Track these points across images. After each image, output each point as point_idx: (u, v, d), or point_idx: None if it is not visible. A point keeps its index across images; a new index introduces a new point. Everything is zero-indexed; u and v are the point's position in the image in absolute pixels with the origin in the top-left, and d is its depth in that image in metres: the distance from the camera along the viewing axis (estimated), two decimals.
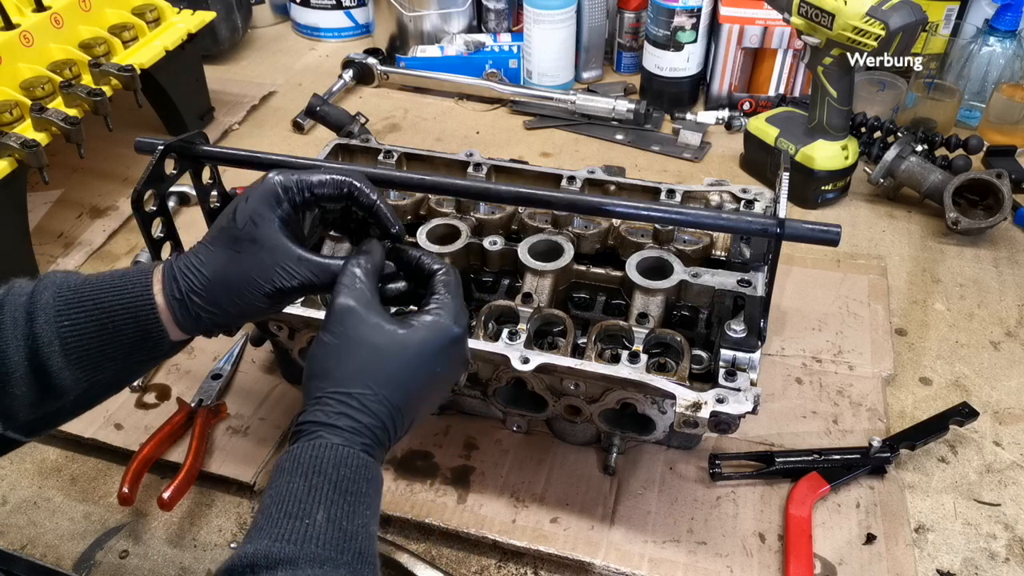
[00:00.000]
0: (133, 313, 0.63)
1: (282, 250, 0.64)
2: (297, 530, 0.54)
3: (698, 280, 0.90)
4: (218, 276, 0.64)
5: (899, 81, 1.58)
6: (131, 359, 0.65)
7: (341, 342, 0.62)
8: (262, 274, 0.64)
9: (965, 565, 0.88)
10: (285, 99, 1.74)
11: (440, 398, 0.87)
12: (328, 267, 0.65)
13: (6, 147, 1.14)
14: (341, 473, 0.57)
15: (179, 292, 0.64)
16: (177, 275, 0.65)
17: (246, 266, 0.64)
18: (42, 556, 0.91)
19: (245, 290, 0.64)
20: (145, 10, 1.44)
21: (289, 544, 0.53)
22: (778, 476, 0.96)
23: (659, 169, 1.51)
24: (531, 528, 0.91)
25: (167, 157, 0.84)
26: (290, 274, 0.64)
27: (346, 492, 0.56)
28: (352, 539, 0.55)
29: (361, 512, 0.57)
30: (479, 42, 1.79)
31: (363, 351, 0.62)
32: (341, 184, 0.68)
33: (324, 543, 0.53)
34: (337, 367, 0.61)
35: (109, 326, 0.63)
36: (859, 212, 1.39)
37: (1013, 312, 1.19)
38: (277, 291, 0.64)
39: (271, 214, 0.65)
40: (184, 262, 0.65)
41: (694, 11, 1.53)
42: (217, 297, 0.64)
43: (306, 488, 0.56)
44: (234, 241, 0.65)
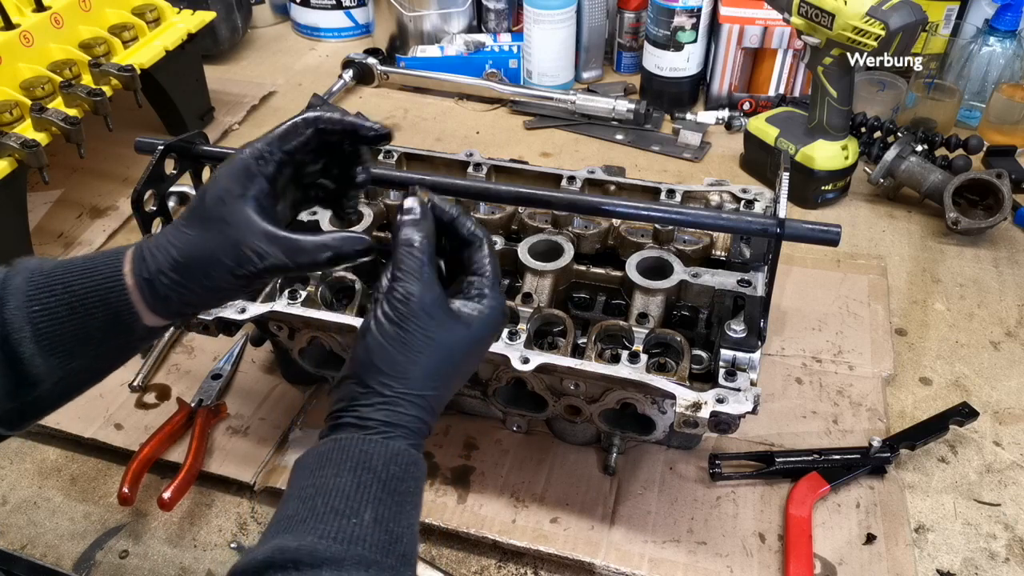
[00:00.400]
0: (103, 295, 0.62)
1: (250, 227, 0.62)
2: (344, 529, 0.52)
3: (698, 280, 0.90)
4: (186, 255, 0.63)
5: (899, 81, 1.58)
6: (105, 344, 0.64)
7: (412, 339, 0.59)
8: (228, 253, 0.62)
9: (965, 565, 0.88)
10: (285, 99, 1.74)
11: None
12: (298, 244, 0.62)
13: (6, 147, 1.14)
14: (391, 471, 0.55)
15: (148, 272, 0.62)
16: (146, 255, 0.63)
17: (213, 244, 0.62)
18: (42, 556, 0.91)
19: (212, 269, 0.62)
20: (145, 10, 1.45)
21: (335, 543, 0.51)
22: (778, 476, 0.96)
23: (659, 169, 1.51)
24: (531, 528, 0.91)
25: (167, 157, 0.84)
26: (258, 253, 0.61)
27: (394, 491, 0.55)
28: (397, 542, 0.54)
29: (408, 512, 0.56)
30: (479, 42, 1.79)
31: (437, 353, 0.60)
32: (305, 122, 0.66)
33: (370, 545, 0.52)
34: (410, 366, 0.59)
35: (80, 309, 0.61)
36: (859, 212, 1.39)
37: (1013, 312, 1.19)
38: (244, 270, 0.62)
39: (240, 190, 0.63)
40: (154, 242, 0.64)
41: (694, 11, 1.53)
42: (185, 277, 0.63)
43: (354, 484, 0.54)
44: (203, 220, 0.63)
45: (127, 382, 1.08)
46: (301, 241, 0.63)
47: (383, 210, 1.05)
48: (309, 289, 0.90)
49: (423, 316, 0.60)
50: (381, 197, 1.06)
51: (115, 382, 1.08)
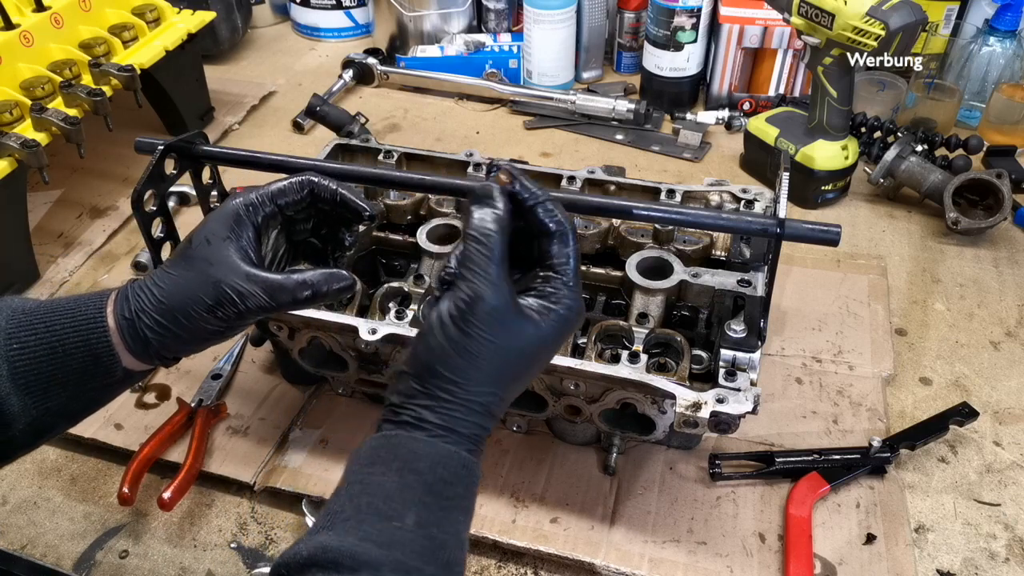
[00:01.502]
0: (84, 336, 0.62)
1: (232, 268, 0.63)
2: (385, 532, 0.51)
3: (698, 280, 0.90)
4: (167, 294, 0.63)
5: (899, 81, 1.58)
6: (82, 386, 0.63)
7: (477, 345, 0.56)
8: (209, 292, 0.62)
9: (965, 565, 0.88)
10: (285, 99, 1.74)
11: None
12: (279, 283, 0.63)
13: (6, 147, 1.14)
14: (438, 474, 0.54)
15: (129, 311, 0.63)
16: (130, 294, 0.64)
17: (194, 284, 0.63)
18: (42, 556, 0.91)
19: (192, 308, 0.62)
20: (145, 10, 1.44)
21: (375, 547, 0.50)
22: (778, 476, 0.96)
23: (659, 169, 1.51)
24: (531, 528, 0.91)
25: (167, 157, 0.84)
26: (239, 292, 0.62)
27: (440, 496, 0.53)
28: (441, 548, 0.52)
29: (454, 518, 0.54)
30: (479, 42, 1.79)
31: (502, 357, 0.57)
32: (301, 184, 0.68)
33: (411, 551, 0.51)
34: (472, 371, 0.56)
35: (59, 350, 0.61)
36: (859, 212, 1.39)
37: (1013, 312, 1.19)
38: (224, 310, 0.62)
39: (226, 233, 0.64)
40: (139, 283, 0.65)
41: (694, 11, 1.53)
42: (165, 316, 0.63)
43: (398, 486, 0.53)
44: (188, 260, 0.64)
45: None
46: (281, 280, 0.63)
47: (383, 210, 1.05)
48: None
49: (489, 321, 0.56)
50: (381, 197, 1.06)
51: None
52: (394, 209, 1.05)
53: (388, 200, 1.05)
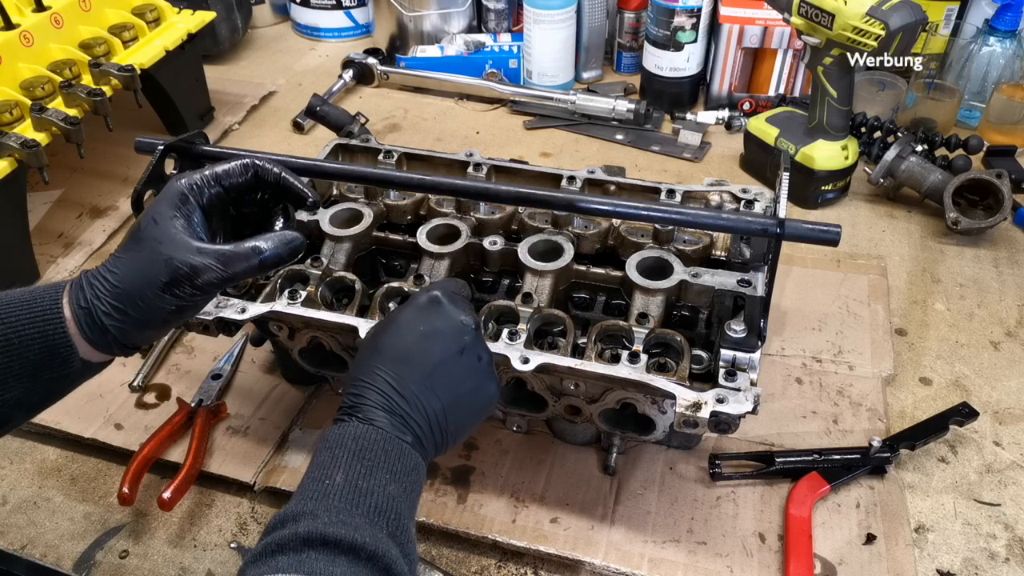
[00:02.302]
0: (40, 327, 0.62)
1: (182, 244, 0.64)
2: (318, 490, 0.60)
3: (698, 280, 0.90)
4: (121, 278, 0.64)
5: (899, 81, 1.58)
6: (39, 377, 0.64)
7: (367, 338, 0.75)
8: (160, 269, 0.63)
9: (965, 565, 0.88)
10: (285, 99, 1.74)
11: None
12: (229, 252, 0.64)
13: (6, 147, 1.14)
14: (359, 443, 0.63)
15: (84, 300, 0.63)
16: (84, 284, 0.64)
17: (145, 264, 0.64)
18: (42, 556, 0.91)
19: (146, 289, 0.63)
20: (145, 10, 1.45)
21: (311, 500, 0.59)
22: (778, 476, 0.96)
23: (659, 169, 1.51)
24: (531, 528, 0.91)
25: (167, 157, 0.84)
26: (191, 266, 0.63)
27: (363, 459, 0.62)
28: (368, 495, 0.60)
29: (378, 476, 0.62)
30: (479, 42, 1.79)
31: (374, 339, 0.74)
32: (244, 167, 0.70)
33: (340, 498, 0.59)
34: (363, 360, 0.72)
35: (15, 341, 0.62)
36: (859, 212, 1.39)
37: (1013, 312, 1.19)
38: (180, 288, 0.63)
39: (172, 212, 0.65)
40: (92, 272, 0.65)
41: (694, 11, 1.53)
42: (121, 301, 0.64)
43: (330, 457, 0.63)
44: (137, 243, 0.65)
45: (127, 382, 1.08)
46: (232, 249, 0.65)
47: (383, 210, 1.05)
48: (309, 289, 0.90)
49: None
50: (381, 197, 1.06)
51: (115, 382, 1.08)
52: (394, 209, 1.05)
53: (388, 200, 1.05)
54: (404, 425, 0.66)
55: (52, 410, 1.01)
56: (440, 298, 0.72)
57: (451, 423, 0.69)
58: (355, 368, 0.70)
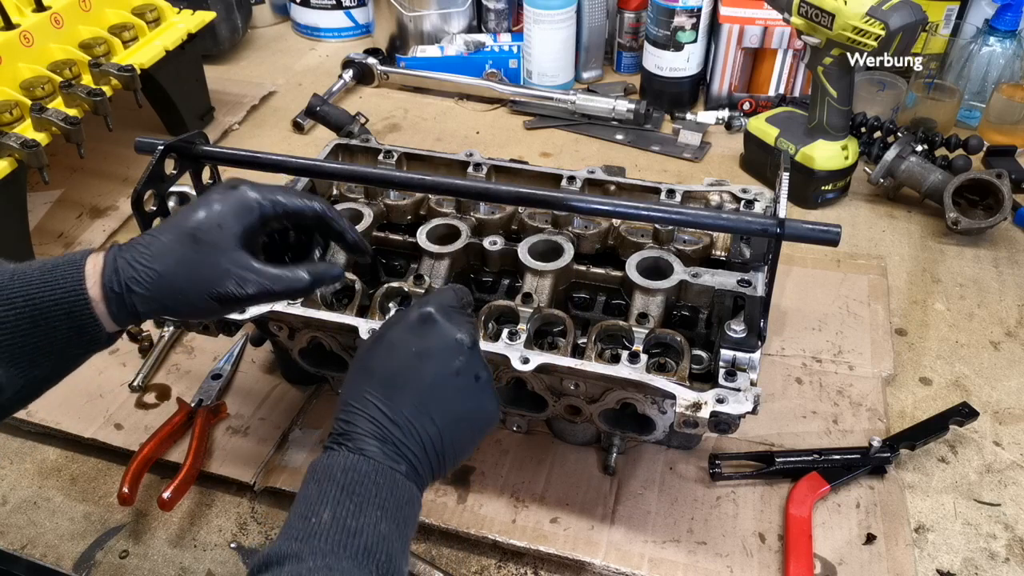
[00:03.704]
0: (66, 309, 0.63)
1: (239, 256, 0.66)
2: (304, 528, 0.57)
3: (698, 280, 0.90)
4: (168, 271, 0.64)
5: (899, 81, 1.58)
6: (67, 353, 0.65)
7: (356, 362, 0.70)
8: (214, 277, 0.65)
9: (965, 565, 0.88)
10: (285, 99, 1.74)
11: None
12: (278, 275, 0.67)
13: (6, 147, 1.14)
14: (349, 476, 0.60)
15: (118, 285, 0.63)
16: (120, 266, 0.64)
17: (200, 266, 0.65)
18: (42, 556, 0.91)
19: (192, 289, 0.64)
20: (145, 10, 1.45)
21: (296, 541, 0.56)
22: (778, 476, 0.96)
23: (659, 169, 1.51)
24: (531, 528, 0.91)
25: (167, 157, 0.84)
26: (241, 279, 0.65)
27: (353, 494, 0.59)
28: (356, 534, 0.57)
29: (368, 512, 0.59)
30: (479, 42, 1.79)
31: (364, 362, 0.69)
32: (316, 214, 0.72)
33: (327, 539, 0.56)
34: (354, 385, 0.68)
35: (42, 323, 0.62)
36: (859, 212, 1.39)
37: (1013, 312, 1.19)
38: (225, 293, 0.65)
39: (237, 224, 0.67)
40: (131, 253, 0.65)
41: (694, 11, 1.53)
42: (161, 293, 0.64)
43: (317, 492, 0.60)
44: (194, 240, 0.65)
45: (127, 382, 1.08)
46: (284, 274, 0.68)
47: (383, 210, 1.05)
48: None
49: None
50: (381, 197, 1.06)
51: (115, 382, 1.08)
52: (394, 209, 1.05)
53: (388, 200, 1.05)
54: (397, 453, 0.63)
55: (52, 410, 1.03)
56: (433, 315, 0.68)
57: (448, 447, 0.66)
58: (345, 391, 0.67)
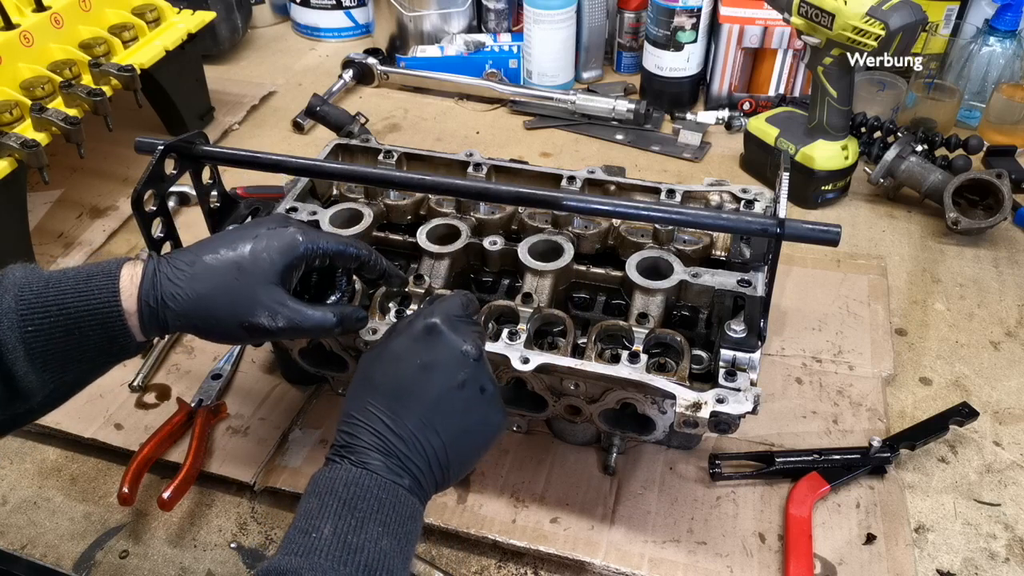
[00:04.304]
0: (100, 320, 0.64)
1: (276, 293, 0.68)
2: (304, 543, 0.57)
3: (698, 280, 0.90)
4: (205, 293, 0.66)
5: (899, 81, 1.58)
6: (97, 360, 0.66)
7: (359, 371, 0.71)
8: (249, 308, 0.67)
9: (965, 565, 0.88)
10: (285, 99, 1.74)
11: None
12: (307, 315, 0.70)
13: (6, 147, 1.14)
14: (351, 491, 0.60)
15: (155, 300, 0.65)
16: (159, 281, 0.65)
17: (238, 296, 0.67)
18: (42, 556, 0.91)
19: (227, 316, 0.66)
20: (145, 10, 1.45)
21: (296, 556, 0.56)
22: (778, 476, 0.96)
23: (659, 169, 1.51)
24: (531, 528, 0.91)
25: (167, 157, 0.84)
26: (273, 312, 0.68)
27: (355, 509, 0.59)
28: (357, 551, 0.57)
29: (369, 528, 0.58)
30: (479, 42, 1.79)
31: (366, 372, 0.70)
32: (357, 256, 0.76)
33: (327, 554, 0.56)
34: (357, 396, 0.69)
35: (75, 332, 0.63)
36: (859, 212, 1.39)
37: (1013, 312, 1.19)
38: (255, 324, 0.67)
39: (283, 261, 0.69)
40: (169, 270, 0.66)
41: (694, 11, 1.53)
42: (196, 313, 0.66)
43: (318, 505, 0.59)
44: (237, 269, 0.67)
45: (127, 382, 1.08)
46: (312, 313, 0.70)
47: (383, 210, 1.05)
48: None
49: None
50: (381, 197, 1.06)
51: (115, 382, 1.08)
52: (394, 209, 1.05)
53: (388, 200, 1.05)
54: (401, 467, 0.62)
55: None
56: (439, 326, 0.67)
57: (453, 460, 0.65)
58: (348, 402, 0.67)
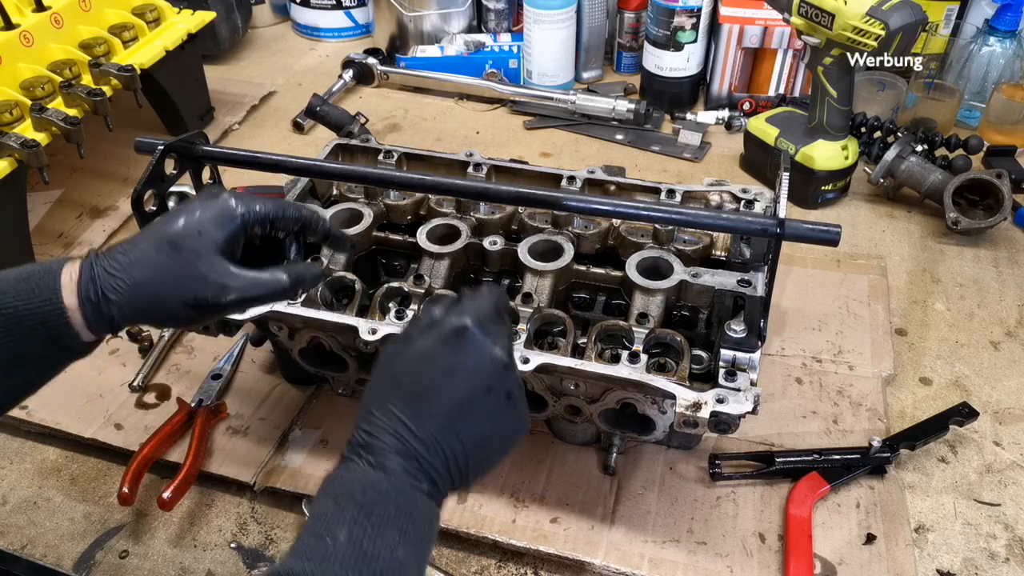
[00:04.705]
0: (42, 318, 0.62)
1: (219, 264, 0.65)
2: (319, 548, 0.55)
3: (698, 280, 0.90)
4: (145, 278, 0.64)
5: (899, 81, 1.58)
6: (43, 362, 0.65)
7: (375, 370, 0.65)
8: (193, 284, 0.64)
9: (965, 565, 0.88)
10: (285, 99, 1.74)
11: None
12: (258, 279, 0.67)
13: (6, 147, 1.14)
14: (368, 496, 0.57)
15: (95, 294, 0.63)
16: (97, 275, 0.64)
17: (178, 274, 0.64)
18: (42, 556, 0.91)
19: (171, 297, 0.64)
20: (145, 10, 1.45)
21: (310, 562, 0.54)
22: (778, 476, 0.96)
23: (659, 169, 1.51)
24: (531, 528, 0.91)
25: (167, 157, 0.84)
26: (222, 286, 0.65)
27: (371, 514, 0.56)
28: (373, 560, 0.55)
29: (386, 535, 0.56)
30: (479, 42, 1.79)
31: (391, 373, 0.65)
32: (297, 219, 0.72)
33: (341, 562, 0.54)
34: (375, 398, 0.64)
35: (16, 332, 0.62)
36: (859, 212, 1.39)
37: (1013, 312, 1.19)
38: (205, 300, 0.65)
39: (220, 233, 0.66)
40: (106, 262, 0.65)
41: (694, 11, 1.53)
42: (139, 300, 0.64)
43: (334, 509, 0.57)
44: (173, 247, 0.65)
45: (127, 382, 1.08)
46: (262, 277, 0.66)
47: (383, 210, 1.05)
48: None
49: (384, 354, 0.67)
50: (381, 197, 1.06)
51: (115, 382, 1.08)
52: (394, 209, 1.05)
53: (388, 200, 1.05)
54: (420, 471, 0.60)
55: (52, 410, 1.03)
56: (470, 329, 0.64)
57: (472, 465, 0.63)
58: (369, 399, 0.63)
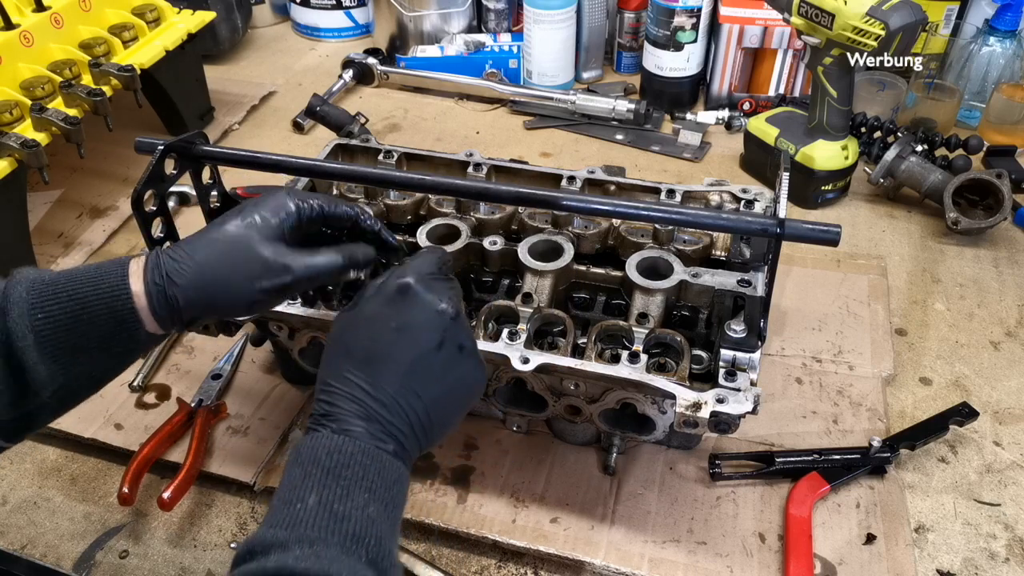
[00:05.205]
0: (108, 303, 0.63)
1: (276, 249, 0.68)
2: (289, 515, 0.56)
3: (698, 280, 0.90)
4: (208, 261, 0.66)
5: (899, 81, 1.58)
6: (107, 351, 0.65)
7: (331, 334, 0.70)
8: (253, 266, 0.67)
9: (965, 565, 0.88)
10: (285, 99, 1.74)
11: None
12: (314, 261, 0.69)
13: (6, 147, 1.14)
14: (335, 459, 0.58)
15: (160, 278, 0.64)
16: (163, 261, 0.65)
17: (239, 256, 0.67)
18: (42, 556, 0.91)
19: (232, 278, 0.66)
20: (145, 10, 1.45)
21: (282, 529, 0.55)
22: (778, 476, 0.96)
23: (659, 169, 1.51)
24: (531, 528, 0.91)
25: (167, 157, 0.84)
26: (283, 265, 0.67)
27: (339, 477, 0.58)
28: (344, 519, 0.56)
29: (355, 495, 0.57)
30: (479, 42, 1.79)
31: (346, 337, 0.69)
32: (350, 216, 0.74)
33: (313, 525, 0.55)
34: (332, 363, 0.67)
35: (83, 317, 0.63)
36: (859, 212, 1.39)
37: (1013, 312, 1.19)
38: (268, 283, 0.67)
39: (277, 220, 0.69)
40: (171, 251, 0.67)
41: (694, 11, 1.53)
42: (201, 284, 0.65)
43: (301, 475, 0.58)
44: (233, 234, 0.67)
45: (127, 382, 1.08)
46: (314, 258, 0.70)
47: (383, 210, 1.05)
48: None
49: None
50: (381, 197, 1.06)
51: (115, 382, 1.07)
52: (394, 209, 1.05)
53: (388, 200, 1.05)
54: (384, 432, 0.61)
55: None
56: (412, 286, 0.66)
57: (435, 420, 0.64)
58: (324, 370, 0.65)
